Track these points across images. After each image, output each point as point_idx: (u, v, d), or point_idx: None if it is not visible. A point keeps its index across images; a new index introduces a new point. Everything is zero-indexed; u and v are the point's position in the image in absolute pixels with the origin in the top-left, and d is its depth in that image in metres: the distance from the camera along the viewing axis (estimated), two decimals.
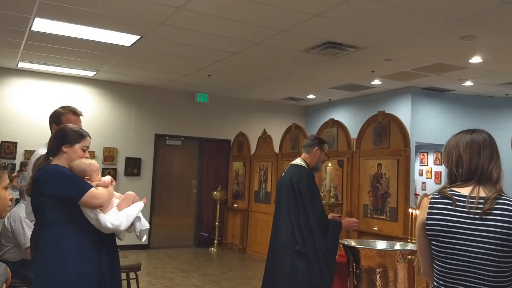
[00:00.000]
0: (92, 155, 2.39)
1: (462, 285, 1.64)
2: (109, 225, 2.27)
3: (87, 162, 2.39)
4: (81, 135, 2.47)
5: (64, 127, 2.52)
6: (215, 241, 8.67)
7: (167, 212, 8.95)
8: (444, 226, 1.67)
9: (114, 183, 2.46)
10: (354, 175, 6.04)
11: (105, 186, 2.36)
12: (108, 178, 2.43)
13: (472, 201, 1.65)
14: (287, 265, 3.37)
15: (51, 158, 2.40)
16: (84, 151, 2.45)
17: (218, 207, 8.78)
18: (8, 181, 1.93)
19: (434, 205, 1.72)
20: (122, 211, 2.35)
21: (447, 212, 1.68)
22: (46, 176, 2.30)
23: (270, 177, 8.00)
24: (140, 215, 2.42)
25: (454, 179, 1.75)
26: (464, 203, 1.67)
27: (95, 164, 2.42)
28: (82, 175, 2.35)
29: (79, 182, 2.30)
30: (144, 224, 2.42)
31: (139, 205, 2.42)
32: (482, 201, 1.65)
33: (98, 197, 2.28)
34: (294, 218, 3.40)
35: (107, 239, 2.37)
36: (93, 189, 2.29)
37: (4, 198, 1.90)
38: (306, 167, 3.59)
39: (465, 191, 1.69)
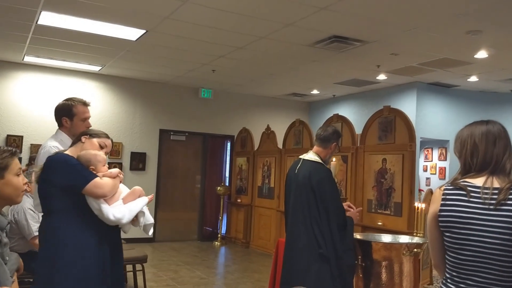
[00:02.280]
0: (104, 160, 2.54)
1: (476, 275, 1.63)
2: (112, 217, 2.29)
3: (93, 152, 2.41)
4: (103, 133, 2.58)
5: (91, 130, 2.64)
6: (219, 235, 8.71)
7: (172, 206, 8.99)
8: (459, 218, 1.66)
9: (121, 175, 2.46)
10: (358, 171, 6.05)
11: (111, 177, 2.37)
12: (115, 170, 2.44)
13: (487, 192, 1.64)
14: (311, 269, 3.17)
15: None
16: (102, 147, 2.51)
17: (221, 202, 8.82)
18: (19, 166, 1.93)
19: (447, 197, 1.70)
20: (125, 205, 2.36)
21: (461, 203, 1.67)
22: (52, 164, 2.33)
23: (274, 173, 8.01)
24: (145, 210, 2.43)
25: (468, 169, 1.73)
26: (478, 194, 1.65)
27: (101, 155, 2.43)
28: (87, 164, 2.36)
29: (83, 172, 2.32)
30: (148, 219, 2.44)
31: (143, 200, 2.44)
32: (496, 191, 1.64)
33: (101, 187, 2.29)
34: (315, 223, 3.18)
35: (110, 231, 2.38)
36: (97, 179, 2.30)
37: (17, 183, 1.91)
38: (322, 162, 3.34)
39: (479, 181, 1.68)
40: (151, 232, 2.47)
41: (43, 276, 2.28)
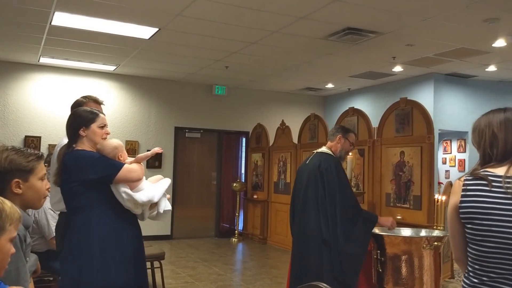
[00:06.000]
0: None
1: (500, 267, 1.57)
2: (144, 199, 2.34)
3: (115, 141, 2.45)
4: (93, 113, 2.44)
5: (75, 111, 2.49)
6: (236, 231, 8.72)
7: (188, 203, 9.03)
8: (480, 208, 1.60)
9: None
10: (376, 164, 5.97)
11: (137, 162, 2.44)
12: (141, 155, 2.55)
13: (509, 181, 1.58)
14: (315, 254, 3.35)
15: (74, 146, 2.39)
16: (102, 128, 2.44)
17: (238, 198, 8.82)
18: (44, 171, 1.92)
19: (468, 187, 1.64)
20: (152, 186, 2.45)
21: (482, 193, 1.61)
22: (75, 161, 2.31)
23: (289, 168, 7.97)
24: (165, 195, 2.52)
25: (488, 159, 1.67)
26: (500, 183, 1.59)
27: (118, 141, 2.49)
28: (115, 152, 2.39)
29: (110, 161, 2.35)
30: (168, 205, 2.51)
31: (167, 181, 2.53)
32: None
33: (134, 170, 2.35)
34: (321, 206, 3.37)
35: (132, 225, 2.42)
36: (127, 164, 2.35)
37: (40, 188, 1.91)
38: (332, 154, 3.59)
39: (500, 171, 1.62)
40: (167, 219, 2.55)
41: (70, 272, 2.30)
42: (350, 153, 4.48)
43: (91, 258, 2.25)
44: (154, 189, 2.42)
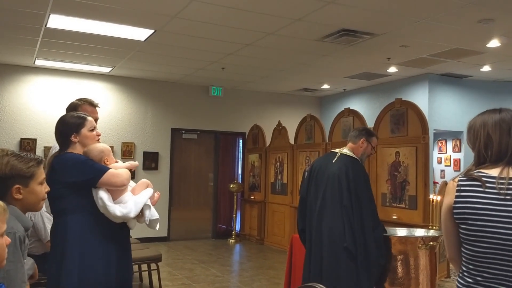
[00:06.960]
0: (111, 150, 2.44)
1: (493, 268, 1.58)
2: (118, 214, 2.23)
3: (101, 144, 2.40)
4: (82, 118, 2.42)
5: (63, 118, 2.46)
6: (233, 232, 8.72)
7: (185, 205, 9.03)
8: (474, 209, 1.61)
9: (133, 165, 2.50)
10: (371, 164, 5.99)
11: (129, 168, 2.39)
12: (127, 163, 2.47)
13: (503, 182, 1.59)
14: (331, 259, 3.19)
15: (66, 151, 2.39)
16: (92, 131, 2.42)
17: (235, 199, 8.83)
18: (43, 176, 1.94)
19: (462, 188, 1.65)
20: (131, 199, 2.32)
21: (476, 194, 1.62)
22: (62, 163, 2.30)
23: (286, 169, 7.99)
24: (150, 204, 2.39)
25: (482, 160, 1.68)
26: (494, 184, 1.60)
27: (106, 146, 2.43)
28: (101, 156, 2.35)
29: (96, 165, 2.31)
30: (154, 214, 2.38)
31: (148, 191, 2.39)
32: None
33: (118, 175, 2.27)
34: (346, 214, 3.17)
35: (119, 232, 2.35)
36: (112, 169, 2.29)
37: (40, 192, 1.93)
38: (358, 160, 3.42)
39: (494, 172, 1.63)
40: (157, 227, 2.42)
41: (52, 276, 2.29)
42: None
43: (71, 262, 2.22)
44: (133, 203, 2.29)
